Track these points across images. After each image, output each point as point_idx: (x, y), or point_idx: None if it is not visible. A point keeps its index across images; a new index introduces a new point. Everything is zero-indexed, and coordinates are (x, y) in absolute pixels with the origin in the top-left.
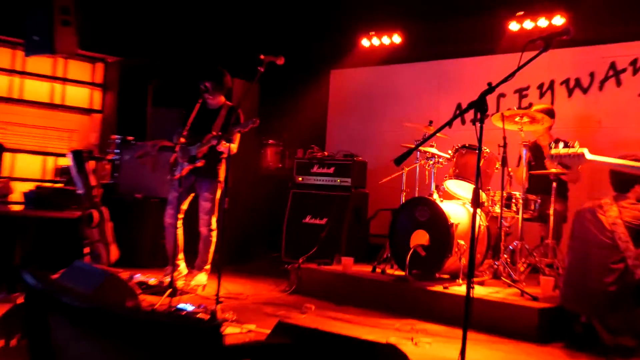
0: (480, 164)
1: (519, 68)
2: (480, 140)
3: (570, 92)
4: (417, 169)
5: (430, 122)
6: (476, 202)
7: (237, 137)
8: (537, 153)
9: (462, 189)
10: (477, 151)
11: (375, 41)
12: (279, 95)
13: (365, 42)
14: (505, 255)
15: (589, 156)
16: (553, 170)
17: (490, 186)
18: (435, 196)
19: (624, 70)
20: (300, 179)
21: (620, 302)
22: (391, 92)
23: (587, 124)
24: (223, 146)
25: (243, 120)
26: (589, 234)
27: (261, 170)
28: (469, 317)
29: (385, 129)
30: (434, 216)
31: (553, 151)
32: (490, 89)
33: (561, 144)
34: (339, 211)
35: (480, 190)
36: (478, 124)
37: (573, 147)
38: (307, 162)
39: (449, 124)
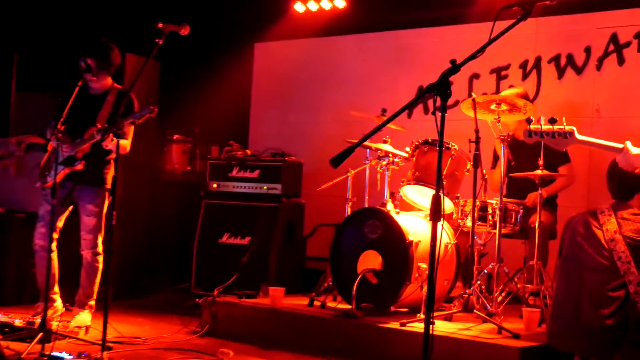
0: (446, 165)
1: (490, 42)
2: (441, 133)
3: (561, 73)
4: (367, 171)
5: (384, 110)
6: (437, 214)
7: (130, 130)
8: (517, 150)
9: (424, 196)
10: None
11: (312, 5)
12: (186, 76)
13: (299, 7)
14: (479, 282)
15: (579, 136)
16: (539, 172)
17: (459, 193)
18: (390, 207)
19: (627, 44)
20: (215, 185)
21: (621, 339)
22: (333, 71)
23: (581, 113)
24: (111, 143)
25: (137, 109)
26: (581, 253)
27: (163, 174)
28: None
29: (326, 120)
30: (388, 232)
31: (533, 126)
32: (454, 67)
33: (543, 119)
34: (266, 228)
35: (446, 198)
36: (439, 114)
37: (561, 123)
38: (225, 164)
39: (403, 111)
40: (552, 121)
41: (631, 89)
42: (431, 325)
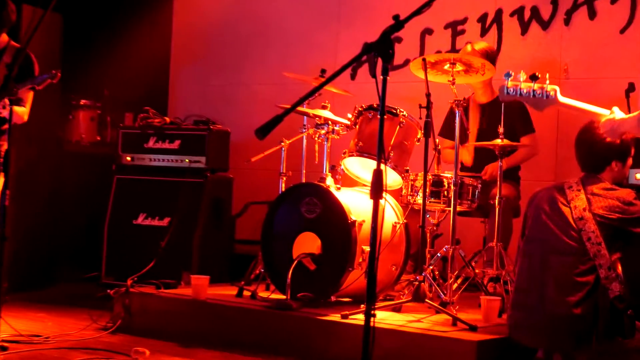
0: (393, 134)
1: None
2: (382, 99)
3: (524, 28)
4: (304, 141)
5: (323, 71)
6: (378, 190)
7: (29, 96)
8: (475, 116)
9: (369, 169)
10: (388, 114)
11: None
12: (95, 32)
13: None
14: (432, 267)
15: (562, 98)
16: (499, 141)
17: (409, 166)
18: (330, 182)
19: None
20: (129, 158)
21: (590, 330)
22: (265, 27)
23: (548, 73)
24: (4, 111)
25: (37, 70)
26: (546, 234)
27: (68, 145)
28: (369, 358)
29: (257, 82)
30: (328, 211)
31: (511, 82)
32: (397, 24)
33: (523, 74)
34: (188, 207)
35: (394, 172)
36: (380, 77)
37: (543, 82)
38: (140, 134)
39: (341, 73)
40: (533, 78)
41: (603, 46)
42: (373, 318)
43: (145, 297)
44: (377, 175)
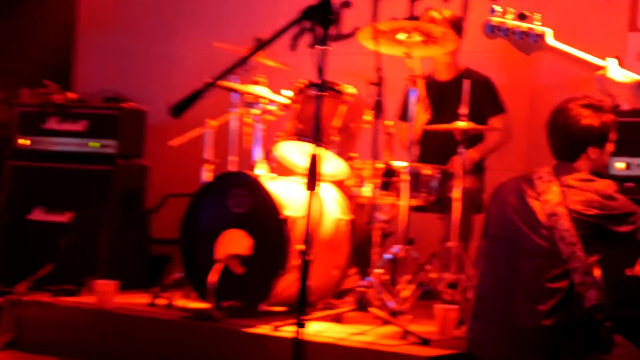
0: (338, 115)
1: None
2: (321, 72)
3: None
4: (234, 123)
5: (259, 40)
6: (313, 179)
7: None
8: (437, 96)
9: (309, 156)
10: (331, 91)
11: None
12: None
13: None
14: (381, 271)
15: (551, 41)
16: (462, 124)
17: (356, 152)
18: (263, 170)
19: None
20: (25, 141)
21: (562, 344)
22: None
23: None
24: None
25: None
26: (513, 232)
27: None
28: None
29: (181, 53)
30: (259, 205)
31: (496, 19)
32: None
33: (511, 12)
34: (95, 199)
35: (339, 159)
36: (318, 47)
37: (532, 21)
38: (38, 112)
39: (272, 41)
40: (522, 16)
41: (585, 13)
42: (303, 329)
43: (41, 306)
44: (314, 162)
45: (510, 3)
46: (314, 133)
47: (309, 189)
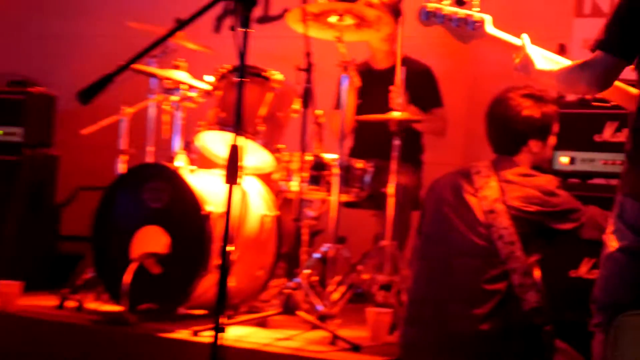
0: (263, 103)
1: None
2: (242, 57)
3: None
4: (151, 110)
5: (179, 21)
6: (234, 171)
7: None
8: (372, 85)
9: None
10: (257, 77)
11: None
12: None
13: None
14: (309, 271)
15: (490, 29)
16: (397, 113)
17: (283, 143)
18: (182, 162)
19: None
20: None
21: (500, 350)
22: None
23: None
24: None
25: None
26: (449, 231)
27: None
28: None
29: (94, 33)
30: (178, 200)
31: (431, 5)
32: None
33: None
34: None
35: (264, 151)
36: (240, 30)
37: (471, 7)
38: None
39: (190, 22)
40: (460, 2)
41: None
42: (223, 334)
43: None
44: (234, 154)
45: None
46: (236, 122)
47: (227, 182)
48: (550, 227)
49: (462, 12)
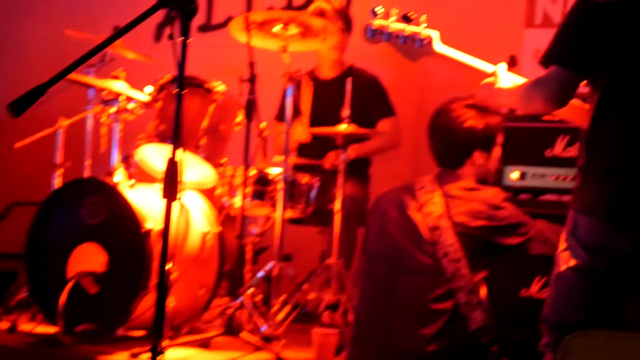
0: (205, 115)
1: None
2: (181, 67)
3: None
4: (89, 123)
5: (116, 28)
6: (172, 186)
7: None
8: (321, 96)
9: None
10: (199, 88)
11: None
12: None
13: None
14: (253, 290)
15: (439, 46)
16: (343, 127)
17: (226, 157)
18: (121, 177)
19: None
20: None
21: None
22: None
23: (425, 15)
24: None
25: None
26: (394, 248)
27: None
28: None
29: (28, 41)
30: (116, 216)
31: (377, 22)
32: None
33: (394, 14)
34: None
35: (206, 165)
36: (180, 40)
37: (419, 24)
38: None
39: (128, 31)
40: (406, 19)
41: (479, 7)
42: (162, 357)
43: None
44: (173, 168)
45: (407, 5)
46: (174, 135)
47: (165, 197)
48: (496, 243)
49: (409, 29)
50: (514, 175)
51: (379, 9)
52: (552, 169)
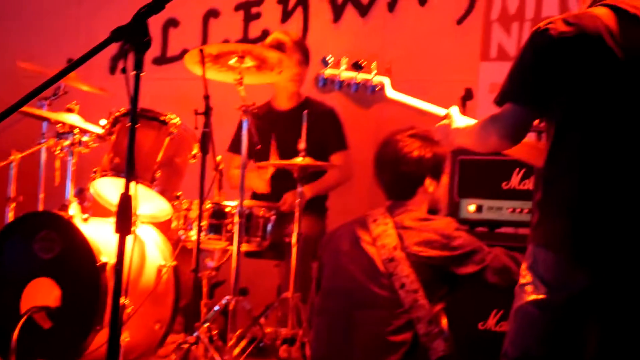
0: (160, 148)
1: None
2: (134, 102)
3: (338, 13)
4: (42, 156)
5: (70, 61)
6: (125, 220)
7: None
8: (276, 128)
9: None
10: (153, 121)
11: None
12: None
13: None
14: (209, 325)
15: (391, 92)
16: (300, 160)
17: (181, 190)
18: (75, 210)
19: None
20: None
21: None
22: None
23: (375, 62)
24: None
25: None
26: (349, 282)
27: None
28: None
29: None
30: (70, 250)
31: (328, 71)
32: (155, 4)
33: (345, 63)
34: None
35: (162, 199)
36: (132, 73)
37: (370, 71)
38: None
39: (81, 64)
40: (356, 66)
41: (436, 39)
42: None
43: None
44: (125, 202)
45: (353, 28)
46: (127, 169)
47: (118, 232)
48: (452, 272)
49: (360, 76)
50: (470, 207)
51: (329, 58)
52: (508, 202)
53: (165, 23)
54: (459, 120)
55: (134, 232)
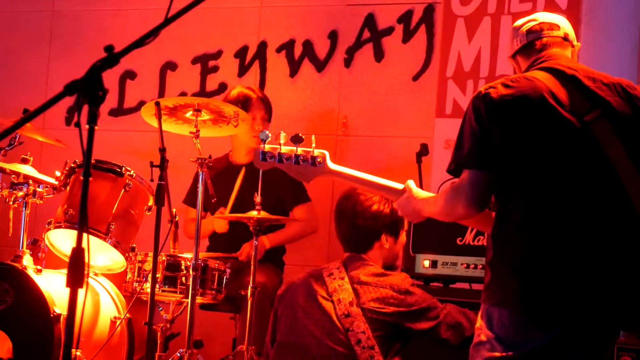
0: (116, 200)
1: (168, 21)
2: (88, 153)
3: (295, 68)
4: None
5: (26, 112)
6: (77, 273)
7: None
8: (227, 180)
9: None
10: (109, 173)
11: None
12: None
13: None
14: None
15: (332, 165)
16: (254, 213)
17: (136, 242)
18: (28, 262)
19: (389, 31)
20: None
21: None
22: None
23: (323, 127)
24: None
25: None
26: (305, 337)
27: None
28: None
29: None
30: (23, 301)
31: (268, 146)
32: (110, 58)
33: (283, 135)
34: None
35: (116, 251)
36: (86, 126)
37: (309, 144)
38: None
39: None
40: (296, 140)
41: (392, 95)
42: None
43: None
44: (77, 255)
45: (309, 83)
46: (80, 221)
47: (68, 285)
48: (408, 327)
49: (300, 149)
50: (425, 263)
51: (266, 133)
52: (463, 257)
53: (123, 75)
54: (418, 192)
55: (87, 284)
